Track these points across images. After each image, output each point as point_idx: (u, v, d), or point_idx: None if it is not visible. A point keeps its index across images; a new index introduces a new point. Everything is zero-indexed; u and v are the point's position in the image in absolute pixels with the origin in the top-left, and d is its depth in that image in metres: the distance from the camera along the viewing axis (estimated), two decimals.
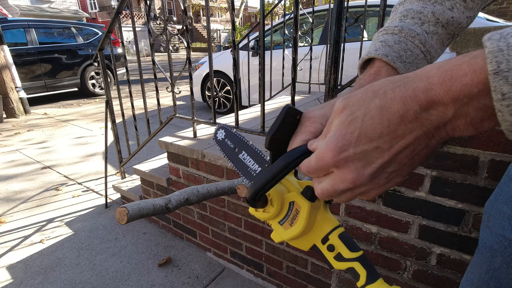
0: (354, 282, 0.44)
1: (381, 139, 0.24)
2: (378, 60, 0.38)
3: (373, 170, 0.25)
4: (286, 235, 0.38)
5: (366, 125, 0.24)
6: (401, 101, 0.23)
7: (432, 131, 0.23)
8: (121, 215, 0.54)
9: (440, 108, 0.22)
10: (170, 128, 3.75)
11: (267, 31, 3.24)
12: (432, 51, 0.40)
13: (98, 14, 25.57)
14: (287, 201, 0.39)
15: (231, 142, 0.50)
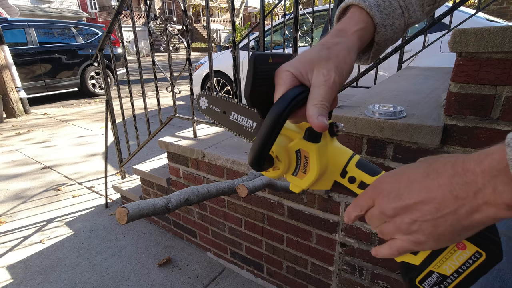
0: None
1: (414, 184, 0.29)
2: (354, 6, 0.37)
3: (398, 205, 0.29)
4: (304, 183, 0.37)
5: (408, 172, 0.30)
6: (444, 162, 0.27)
7: (462, 197, 0.25)
8: (121, 215, 0.54)
9: (471, 177, 0.24)
10: (170, 128, 3.75)
11: (267, 31, 3.24)
12: (410, 9, 0.38)
13: (98, 14, 25.56)
14: (293, 151, 0.37)
15: (217, 106, 0.49)
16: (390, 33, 0.38)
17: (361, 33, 0.36)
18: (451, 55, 0.84)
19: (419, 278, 0.32)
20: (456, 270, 0.30)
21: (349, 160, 0.37)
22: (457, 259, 0.30)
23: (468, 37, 0.70)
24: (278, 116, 0.32)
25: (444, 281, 0.31)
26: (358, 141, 0.94)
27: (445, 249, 0.30)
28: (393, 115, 0.88)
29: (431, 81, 1.45)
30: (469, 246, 0.29)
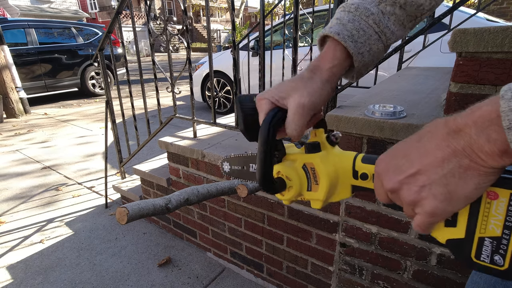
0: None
1: (411, 152, 0.29)
2: (330, 38, 0.40)
3: (401, 178, 0.29)
4: (320, 193, 0.38)
5: (400, 145, 0.31)
6: (435, 125, 0.28)
7: (460, 149, 0.26)
8: (121, 215, 0.54)
9: (465, 130, 0.25)
10: (170, 128, 3.75)
11: (267, 31, 3.24)
12: (387, 33, 0.39)
13: (98, 14, 25.56)
14: (299, 167, 0.39)
15: (237, 165, 0.53)
16: (368, 58, 0.40)
17: (335, 70, 0.39)
18: (451, 55, 0.84)
19: (473, 252, 0.29)
20: (505, 226, 0.27)
21: (354, 160, 0.37)
22: (497, 213, 0.27)
23: (468, 37, 0.70)
24: (265, 135, 0.35)
25: (500, 244, 0.27)
26: (358, 141, 0.94)
27: (479, 206, 0.28)
28: (393, 115, 0.88)
29: (431, 81, 1.45)
30: (500, 192, 0.27)
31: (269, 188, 0.38)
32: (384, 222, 0.97)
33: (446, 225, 0.30)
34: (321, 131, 0.40)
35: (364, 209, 0.99)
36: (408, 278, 0.99)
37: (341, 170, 0.38)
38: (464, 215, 0.29)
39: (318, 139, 0.40)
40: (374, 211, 0.97)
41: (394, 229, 0.96)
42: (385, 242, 0.99)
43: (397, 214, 0.94)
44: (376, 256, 1.03)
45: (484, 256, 0.28)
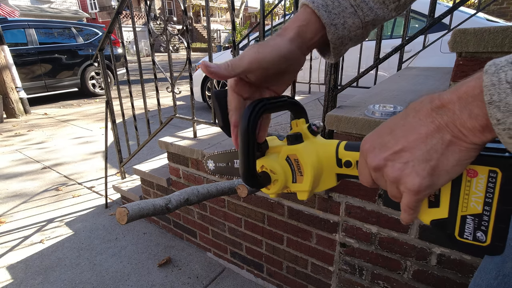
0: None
1: (396, 128, 0.29)
2: (305, 5, 0.38)
3: (386, 155, 0.29)
4: (306, 184, 0.38)
5: (386, 123, 0.31)
6: (420, 102, 0.28)
7: (443, 125, 0.26)
8: (121, 215, 0.54)
9: (448, 105, 0.25)
10: (170, 128, 3.75)
11: (267, 31, 3.24)
12: (365, 8, 0.37)
13: (98, 14, 25.57)
14: (283, 159, 0.39)
15: (221, 162, 0.52)
16: (343, 32, 0.38)
17: (301, 29, 0.37)
18: (451, 55, 0.84)
19: (456, 231, 0.30)
20: (485, 202, 0.27)
21: (337, 147, 0.37)
22: (477, 190, 0.28)
23: (468, 37, 0.70)
24: (245, 128, 0.34)
25: (482, 221, 0.28)
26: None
27: (461, 184, 0.28)
28: (393, 115, 0.88)
29: (431, 81, 1.45)
30: (479, 169, 0.27)
31: (254, 183, 0.37)
32: (384, 222, 0.97)
33: (430, 206, 0.31)
34: (302, 121, 0.40)
35: (364, 209, 0.99)
36: (408, 278, 0.99)
37: (325, 159, 0.37)
38: (446, 195, 0.29)
39: (299, 130, 0.39)
40: (374, 211, 0.97)
41: (394, 229, 0.96)
42: (385, 242, 0.99)
43: (397, 214, 0.94)
44: (376, 256, 1.03)
45: (467, 234, 0.29)
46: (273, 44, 0.35)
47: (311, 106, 1.96)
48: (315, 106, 1.95)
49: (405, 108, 0.29)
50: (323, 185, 0.39)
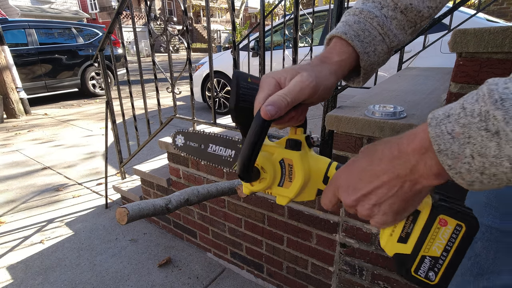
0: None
1: (364, 174, 0.33)
2: (337, 37, 0.41)
3: (357, 197, 0.34)
4: (291, 192, 0.39)
5: (355, 165, 0.35)
6: (382, 149, 0.32)
7: (403, 175, 0.30)
8: (121, 215, 0.54)
9: (406, 157, 0.30)
10: (170, 128, 3.75)
11: (267, 31, 3.24)
12: (391, 35, 0.42)
13: (98, 15, 25.59)
14: (277, 161, 0.39)
15: (193, 142, 0.49)
16: (374, 58, 0.42)
17: (342, 63, 0.41)
18: (451, 56, 0.83)
19: (413, 267, 0.34)
20: (445, 249, 0.32)
21: (329, 166, 0.39)
22: (442, 237, 0.32)
23: (468, 38, 0.70)
24: (262, 123, 0.33)
25: (436, 263, 0.32)
26: (358, 142, 0.94)
27: (431, 229, 0.32)
28: (393, 115, 0.88)
29: (431, 82, 1.45)
30: (449, 221, 0.32)
31: (248, 176, 0.37)
32: None
33: (398, 241, 0.35)
34: (301, 130, 0.41)
35: None
36: None
37: (314, 173, 0.39)
38: (415, 235, 0.34)
39: (298, 138, 0.40)
40: None
41: None
42: None
43: None
44: (376, 257, 1.03)
45: (421, 271, 0.33)
46: (324, 77, 0.38)
47: (311, 106, 1.96)
48: (315, 106, 1.95)
49: (369, 152, 0.34)
50: (303, 196, 0.40)
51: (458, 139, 0.25)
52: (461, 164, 0.25)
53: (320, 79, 0.37)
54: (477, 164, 0.24)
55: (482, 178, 0.25)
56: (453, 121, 0.25)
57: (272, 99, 0.34)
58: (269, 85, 0.37)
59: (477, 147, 0.24)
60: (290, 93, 0.35)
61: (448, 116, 0.26)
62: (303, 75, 0.36)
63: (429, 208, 0.33)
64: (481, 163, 0.24)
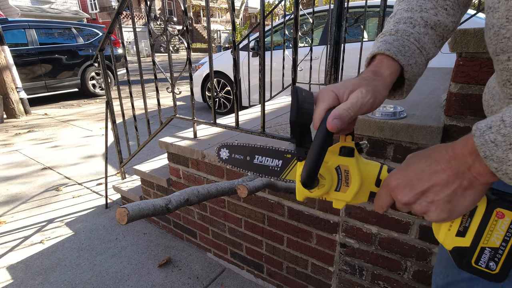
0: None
1: (423, 174, 0.35)
2: (380, 55, 0.45)
3: (415, 193, 0.36)
4: (348, 196, 0.42)
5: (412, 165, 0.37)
6: (438, 152, 0.35)
7: (461, 172, 0.33)
8: (121, 215, 0.54)
9: (463, 158, 0.33)
10: (170, 128, 3.75)
11: (267, 31, 3.24)
12: (426, 48, 0.47)
13: (98, 15, 25.59)
14: (333, 168, 0.42)
15: (239, 154, 0.51)
16: (416, 69, 0.46)
17: (393, 76, 0.44)
18: (452, 56, 0.84)
19: (474, 258, 0.35)
20: (503, 239, 0.34)
21: (380, 169, 0.42)
22: (500, 228, 0.34)
23: (468, 38, 0.70)
24: (327, 132, 0.37)
25: (496, 253, 0.34)
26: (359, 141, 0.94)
27: (489, 222, 0.34)
28: (393, 115, 0.88)
29: (431, 82, 1.45)
30: (506, 213, 0.33)
31: (312, 184, 0.39)
32: (385, 223, 0.97)
33: (456, 235, 0.36)
34: (350, 138, 0.43)
35: (364, 209, 0.99)
36: (409, 279, 0.99)
37: (366, 177, 0.41)
38: (473, 228, 0.35)
39: (350, 145, 0.42)
40: (374, 211, 0.97)
41: (394, 230, 0.96)
42: (386, 243, 0.99)
43: (397, 214, 0.94)
44: (376, 257, 1.03)
45: (482, 262, 0.35)
46: (379, 92, 0.41)
47: None
48: None
49: (425, 156, 0.37)
50: (357, 199, 0.42)
51: (501, 146, 0.29)
52: (506, 166, 0.29)
53: (376, 93, 0.40)
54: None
55: None
56: (495, 131, 0.29)
57: (338, 113, 0.37)
58: (328, 98, 0.40)
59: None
60: (353, 107, 0.38)
61: (490, 128, 0.30)
62: (363, 92, 0.39)
63: (485, 202, 0.35)
64: None
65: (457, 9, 0.48)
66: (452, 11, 0.48)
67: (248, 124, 1.74)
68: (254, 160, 0.50)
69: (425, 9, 0.47)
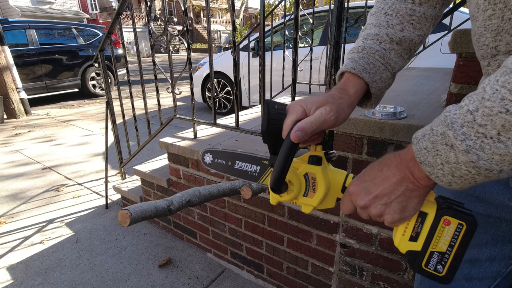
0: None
1: (376, 179, 0.40)
2: (348, 72, 0.49)
3: (370, 198, 0.40)
4: (315, 201, 0.45)
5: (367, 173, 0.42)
6: (388, 159, 0.40)
7: (406, 176, 0.37)
8: (124, 217, 0.54)
9: (406, 163, 0.37)
10: (170, 128, 3.75)
11: (267, 32, 3.24)
12: (391, 63, 0.50)
13: (98, 15, 25.60)
14: (301, 175, 0.46)
15: (221, 159, 0.55)
16: (381, 84, 0.50)
17: (358, 94, 0.48)
18: (452, 56, 0.84)
19: (424, 261, 0.39)
20: (449, 244, 0.37)
21: (346, 177, 0.45)
22: (447, 235, 0.38)
23: (468, 38, 0.70)
24: (291, 142, 0.40)
25: (443, 257, 0.38)
26: (359, 142, 0.94)
27: (437, 228, 0.38)
28: (393, 115, 0.88)
29: (431, 82, 1.46)
30: (452, 220, 0.37)
31: (279, 189, 0.43)
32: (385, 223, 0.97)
33: (409, 240, 0.40)
34: (320, 147, 0.47)
35: None
36: (409, 279, 0.99)
37: (333, 184, 0.45)
38: (424, 234, 0.39)
39: (319, 154, 0.46)
40: None
41: None
42: (386, 243, 0.99)
43: None
44: (376, 257, 1.03)
45: (431, 265, 0.39)
46: (342, 110, 0.45)
47: None
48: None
49: (379, 162, 0.41)
50: (324, 204, 0.46)
51: (431, 152, 0.33)
52: (436, 171, 0.34)
53: (340, 111, 0.44)
54: (447, 169, 0.33)
55: (455, 179, 0.33)
56: (427, 139, 0.34)
57: (301, 126, 0.41)
58: (296, 112, 0.43)
59: (443, 157, 0.32)
60: (316, 122, 0.42)
61: (424, 136, 0.35)
62: (327, 109, 0.43)
63: (434, 210, 0.38)
64: (449, 169, 0.32)
65: (424, 23, 0.50)
66: (418, 25, 0.50)
67: (248, 124, 1.74)
68: (234, 165, 0.54)
69: (392, 25, 0.50)
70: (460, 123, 0.30)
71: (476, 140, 0.29)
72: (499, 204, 0.46)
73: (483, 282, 0.51)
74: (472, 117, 0.29)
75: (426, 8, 0.50)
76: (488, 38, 0.38)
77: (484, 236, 0.50)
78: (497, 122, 0.28)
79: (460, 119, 0.31)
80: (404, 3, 0.50)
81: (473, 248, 0.50)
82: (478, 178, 0.32)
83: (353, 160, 0.97)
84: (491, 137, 0.29)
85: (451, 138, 0.31)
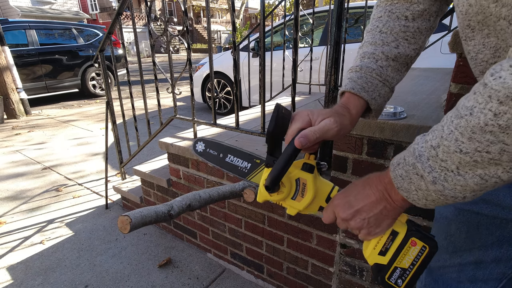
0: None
1: (359, 195, 0.44)
2: (348, 92, 0.52)
3: (352, 211, 0.44)
4: (301, 205, 0.48)
5: (351, 189, 0.46)
6: (371, 179, 0.44)
7: (384, 197, 0.42)
8: (124, 224, 0.53)
9: (384, 185, 0.42)
10: (170, 129, 3.75)
11: (267, 32, 3.24)
12: (389, 79, 0.53)
13: (98, 15, 25.60)
14: (293, 179, 0.48)
15: (213, 150, 0.55)
16: (380, 100, 0.53)
17: (359, 113, 0.52)
18: (452, 56, 0.84)
19: (387, 274, 0.43)
20: (412, 263, 0.42)
21: (332, 189, 0.48)
22: (411, 254, 0.42)
23: None
24: (294, 148, 0.43)
25: (404, 273, 0.42)
26: (359, 142, 0.94)
27: (404, 247, 0.43)
28: (393, 116, 0.88)
29: (431, 82, 1.45)
30: (418, 242, 0.42)
31: (273, 188, 0.45)
32: None
33: (379, 254, 0.44)
34: (313, 156, 0.50)
35: None
36: None
37: (320, 193, 0.48)
38: (392, 250, 0.43)
39: (311, 163, 0.48)
40: None
41: None
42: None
43: None
44: None
45: (392, 279, 0.43)
46: (344, 125, 0.48)
47: (311, 107, 1.96)
48: (316, 107, 1.95)
49: (363, 181, 0.45)
50: (308, 209, 0.49)
51: (406, 179, 0.38)
52: (412, 195, 0.38)
53: (342, 125, 0.47)
54: (420, 195, 0.37)
55: (429, 203, 0.37)
56: (401, 168, 0.38)
57: (305, 133, 0.43)
58: (303, 120, 0.46)
59: (416, 185, 0.37)
60: (319, 131, 0.44)
61: (399, 164, 0.39)
62: (331, 120, 0.45)
63: (405, 231, 0.43)
64: (422, 194, 0.37)
65: (419, 36, 0.52)
66: (413, 40, 0.52)
67: (248, 124, 1.74)
68: (226, 158, 0.55)
69: (387, 43, 0.52)
70: (426, 156, 0.34)
71: (440, 172, 0.33)
72: (505, 205, 0.47)
73: (488, 284, 0.51)
74: (435, 153, 0.33)
75: (420, 23, 0.51)
76: (487, 54, 0.39)
77: (490, 237, 0.50)
78: (454, 159, 0.32)
79: (426, 152, 0.35)
80: (398, 20, 0.52)
81: (478, 249, 0.51)
82: (448, 202, 0.36)
83: (353, 160, 0.97)
84: (452, 171, 0.33)
85: (420, 169, 0.35)
